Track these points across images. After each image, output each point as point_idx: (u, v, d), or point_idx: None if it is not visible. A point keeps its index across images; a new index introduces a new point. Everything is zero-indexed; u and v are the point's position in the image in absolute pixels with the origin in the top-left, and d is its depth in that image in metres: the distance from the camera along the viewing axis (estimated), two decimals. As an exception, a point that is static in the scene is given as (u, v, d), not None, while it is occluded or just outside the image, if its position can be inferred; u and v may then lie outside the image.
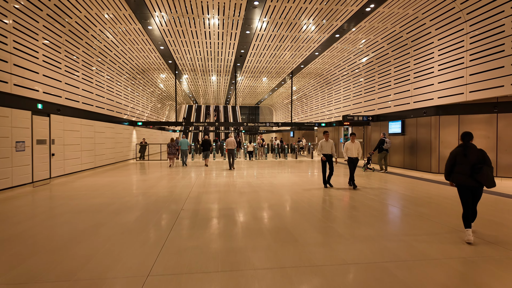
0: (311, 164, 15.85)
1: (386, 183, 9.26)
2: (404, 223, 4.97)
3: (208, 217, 5.33)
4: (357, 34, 12.76)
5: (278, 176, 10.91)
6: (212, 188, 8.29)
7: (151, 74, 20.11)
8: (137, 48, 14.66)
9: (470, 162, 4.18)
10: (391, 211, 5.77)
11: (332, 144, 8.37)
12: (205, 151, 15.25)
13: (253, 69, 19.32)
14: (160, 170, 13.02)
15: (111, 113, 15.06)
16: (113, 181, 9.69)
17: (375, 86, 14.72)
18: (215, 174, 11.55)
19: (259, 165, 14.91)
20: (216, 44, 14.21)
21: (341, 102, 18.57)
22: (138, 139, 19.80)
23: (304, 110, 26.21)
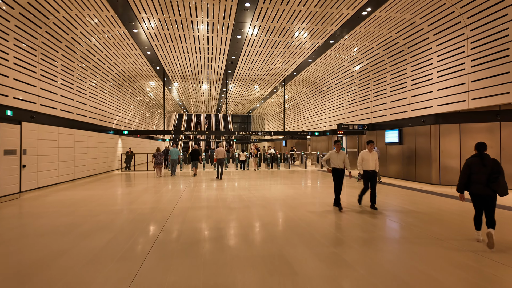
0: (305, 174, 15.21)
1: (386, 196, 8.64)
2: (421, 246, 4.32)
3: (191, 240, 4.58)
4: (351, 40, 12.34)
5: (271, 188, 10.21)
6: (199, 203, 7.53)
7: (138, 81, 19.36)
8: (123, 53, 13.95)
9: (488, 172, 4.28)
10: (401, 232, 5.12)
11: (344, 156, 6.91)
12: (194, 161, 15.04)
13: (245, 76, 18.77)
14: (146, 182, 12.18)
15: (94, 121, 14.21)
16: (91, 195, 8.84)
17: (370, 94, 14.28)
18: (204, 186, 10.79)
19: (251, 176, 14.20)
20: (206, 49, 13.61)
21: (334, 111, 18.12)
22: (124, 149, 18.90)
23: (296, 119, 25.72)
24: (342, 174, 6.87)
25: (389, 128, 12.80)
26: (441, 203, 7.53)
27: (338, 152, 6.95)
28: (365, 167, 6.81)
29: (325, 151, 19.27)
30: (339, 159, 6.88)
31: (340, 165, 6.86)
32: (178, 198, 8.25)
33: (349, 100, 16.32)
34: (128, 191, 9.74)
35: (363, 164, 6.85)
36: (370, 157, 6.82)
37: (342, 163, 6.88)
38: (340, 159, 6.89)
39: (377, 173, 6.83)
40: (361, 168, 6.88)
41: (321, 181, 12.38)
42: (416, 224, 5.52)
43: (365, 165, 6.81)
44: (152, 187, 10.54)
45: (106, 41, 12.34)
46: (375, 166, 6.78)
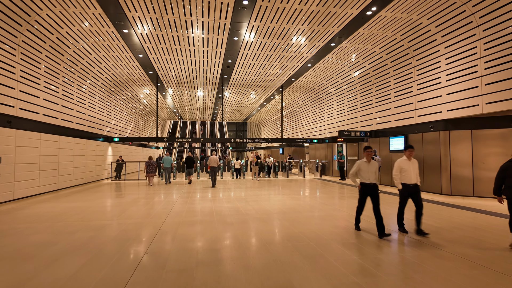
0: (305, 183, 14.47)
1: (396, 208, 7.91)
2: (460, 276, 3.58)
3: (180, 266, 3.80)
4: (353, 43, 11.79)
5: (270, 199, 9.44)
6: (192, 217, 6.74)
7: (131, 87, 18.61)
8: (113, 56, 13.24)
9: None
10: (432, 253, 4.39)
11: (377, 167, 5.41)
12: (189, 169, 14.90)
13: (241, 82, 18.14)
14: (136, 192, 11.33)
15: (81, 128, 13.38)
16: (73, 208, 7.99)
17: (372, 99, 13.70)
18: (198, 196, 9.98)
19: (248, 185, 13.42)
20: (201, 52, 12.96)
21: (334, 117, 17.51)
22: (114, 157, 18.03)
23: (293, 126, 25.11)
24: (375, 192, 5.23)
25: (393, 135, 12.18)
26: (457, 216, 6.83)
27: (369, 162, 5.35)
28: (405, 179, 5.32)
29: (324, 159, 18.61)
30: (371, 171, 5.26)
31: (371, 179, 5.25)
32: (168, 211, 7.44)
33: (350, 106, 15.73)
34: (115, 203, 8.90)
35: (402, 175, 5.33)
36: (410, 167, 5.33)
37: (374, 176, 5.26)
38: (372, 171, 5.27)
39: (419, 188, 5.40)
40: (398, 181, 5.37)
41: (322, 190, 11.65)
42: (442, 244, 4.80)
43: (405, 177, 5.31)
44: (142, 198, 9.71)
45: (95, 42, 11.64)
46: (416, 178, 5.36)
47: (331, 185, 13.56)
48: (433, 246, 4.66)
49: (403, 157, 5.52)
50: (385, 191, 11.32)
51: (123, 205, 8.43)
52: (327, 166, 18.45)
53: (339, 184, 14.07)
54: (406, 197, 5.40)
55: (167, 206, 8.17)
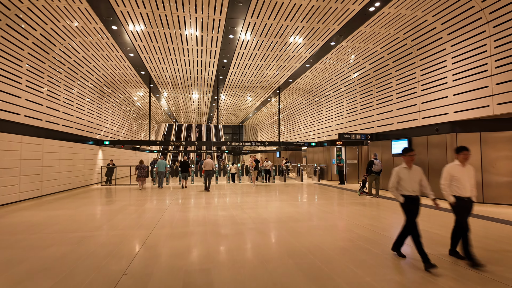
0: (303, 188, 13.90)
1: (400, 215, 7.35)
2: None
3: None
4: (354, 42, 11.31)
5: (268, 206, 8.85)
6: (182, 227, 6.12)
7: (123, 88, 17.97)
8: (102, 55, 12.62)
9: None
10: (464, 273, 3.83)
11: (421, 173, 4.36)
12: (184, 173, 14.68)
13: (237, 84, 17.59)
14: (126, 198, 10.68)
15: (68, 130, 12.72)
16: (54, 217, 7.33)
17: (373, 101, 13.22)
18: (191, 203, 9.35)
19: (244, 190, 12.81)
20: (195, 51, 12.40)
21: (333, 120, 17.01)
22: (105, 161, 17.33)
23: (291, 129, 24.58)
24: (418, 206, 4.28)
25: (396, 138, 11.68)
26: (474, 227, 6.29)
27: (410, 168, 4.31)
28: (459, 190, 4.22)
29: (323, 162, 18.08)
30: (413, 180, 4.25)
31: (415, 189, 4.22)
32: (157, 220, 6.82)
33: (349, 108, 15.23)
34: (101, 211, 8.25)
35: (455, 185, 4.24)
36: (464, 174, 4.23)
37: (418, 186, 4.27)
38: (415, 180, 4.26)
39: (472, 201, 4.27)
40: (449, 194, 4.27)
41: (322, 196, 11.08)
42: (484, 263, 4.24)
43: (459, 188, 4.22)
44: (131, 205, 9.06)
45: (82, 40, 11.03)
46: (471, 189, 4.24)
47: (330, 190, 13.00)
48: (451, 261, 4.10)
49: (455, 162, 4.38)
50: (389, 196, 10.78)
51: (109, 213, 7.78)
52: (325, 170, 17.91)
53: (338, 189, 13.51)
54: (465, 213, 4.23)
55: (156, 214, 7.54)
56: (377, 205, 9.08)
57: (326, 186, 15.10)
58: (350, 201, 9.81)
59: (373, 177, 10.74)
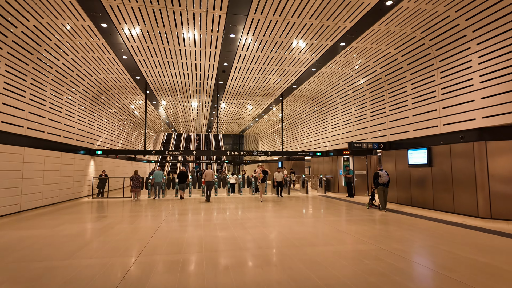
0: (309, 202, 12.79)
1: (428, 235, 6.28)
2: None
3: None
4: (366, 43, 10.42)
5: (273, 223, 7.75)
6: (174, 254, 5.03)
7: (117, 95, 17.05)
8: (93, 58, 11.72)
9: None
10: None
11: None
12: (181, 184, 14.17)
13: (238, 90, 16.67)
14: (116, 212, 9.59)
15: (55, 138, 11.71)
16: (25, 238, 6.24)
17: (385, 107, 12.25)
18: (189, 219, 8.25)
19: (245, 204, 11.71)
20: (193, 53, 11.49)
21: (339, 128, 16.02)
22: (98, 172, 16.27)
23: (294, 138, 23.58)
24: None
25: (412, 147, 10.66)
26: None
27: None
28: None
29: (329, 173, 17.01)
30: None
31: None
32: (145, 243, 5.73)
33: (358, 115, 14.26)
34: (82, 229, 7.15)
35: None
36: None
37: None
38: None
39: None
40: None
41: (332, 211, 9.98)
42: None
43: None
44: (119, 222, 7.96)
45: (70, 40, 10.12)
46: None
47: (339, 204, 11.91)
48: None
49: None
50: (405, 211, 9.69)
51: (92, 233, 6.69)
52: (332, 181, 16.84)
53: (347, 202, 12.42)
54: None
55: (145, 235, 6.45)
56: (398, 222, 7.98)
57: (334, 199, 14.00)
58: (366, 218, 8.71)
59: (381, 190, 10.04)
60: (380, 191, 10.06)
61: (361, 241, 5.99)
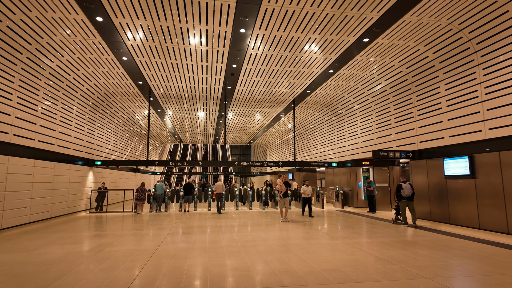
0: (329, 219, 11.39)
1: (491, 265, 4.88)
2: None
3: None
4: (393, 38, 9.23)
5: (296, 248, 6.41)
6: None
7: (120, 102, 16.10)
8: (91, 59, 10.77)
9: None
10: None
11: None
12: (187, 195, 13.74)
13: (247, 96, 15.57)
14: (112, 229, 8.39)
15: (48, 147, 10.68)
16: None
17: (413, 111, 10.95)
18: (191, 240, 6.96)
19: (255, 220, 10.37)
20: (199, 53, 10.46)
21: (358, 137, 14.71)
22: (97, 184, 15.18)
23: (305, 148, 22.27)
24: None
25: (449, 155, 9.29)
26: None
27: None
28: None
29: (346, 185, 15.61)
30: None
31: None
32: (134, 277, 4.47)
33: (380, 122, 12.96)
34: (65, 253, 5.93)
35: None
36: None
37: None
38: None
39: None
40: None
41: (360, 230, 8.60)
42: None
43: None
44: (110, 243, 6.74)
45: (64, 38, 9.17)
46: None
47: (362, 221, 10.51)
48: None
49: None
50: (444, 230, 8.26)
51: (73, 259, 5.46)
52: (350, 194, 15.42)
53: (370, 219, 11.01)
54: None
55: (137, 262, 5.20)
56: (444, 246, 6.57)
57: (354, 214, 12.57)
58: (403, 239, 7.32)
59: (405, 203, 9.51)
60: (403, 205, 9.52)
61: (411, 274, 4.63)
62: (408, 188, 9.32)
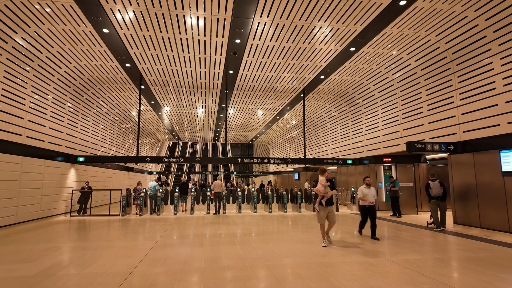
0: (347, 223, 9.52)
1: None
2: None
3: None
4: (435, 1, 7.38)
5: (324, 268, 4.55)
6: None
7: (109, 91, 14.27)
8: (65, 32, 8.92)
9: None
10: None
11: None
12: (183, 195, 13.08)
13: (251, 83, 13.71)
14: (87, 239, 6.52)
15: (13, 138, 8.84)
16: None
17: (453, 96, 9.09)
18: (183, 257, 5.08)
19: (262, 226, 8.52)
20: (195, 23, 8.60)
21: (379, 129, 12.84)
22: (81, 183, 13.32)
23: (314, 144, 20.39)
24: None
25: (506, 147, 7.43)
26: None
27: None
28: None
29: (362, 185, 13.71)
30: None
31: None
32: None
33: (408, 111, 11.10)
34: (2, 278, 4.09)
35: None
36: None
37: None
38: None
39: None
40: None
41: (396, 241, 6.74)
42: None
43: None
44: (77, 259, 4.89)
45: (38, 12, 7.34)
46: None
47: (390, 227, 8.69)
48: None
49: None
50: (501, 241, 6.41)
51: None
52: (368, 196, 13.52)
53: (396, 224, 9.21)
54: None
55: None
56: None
57: (377, 219, 10.70)
58: (466, 254, 5.46)
59: (435, 204, 8.46)
60: (434, 206, 8.51)
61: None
62: (437, 187, 8.34)
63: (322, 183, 6.34)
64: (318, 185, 6.40)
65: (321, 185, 6.35)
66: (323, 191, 6.32)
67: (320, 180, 6.44)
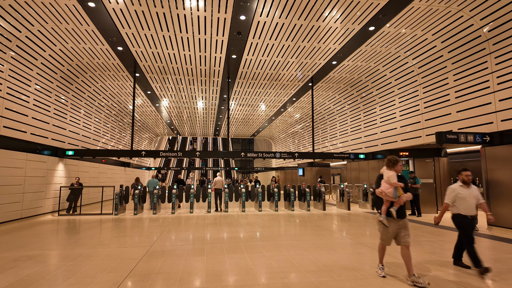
0: (366, 225, 8.46)
1: None
2: None
3: None
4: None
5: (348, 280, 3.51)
6: None
7: (101, 80, 13.15)
8: (48, 10, 7.79)
9: None
10: None
11: None
12: None
13: (257, 70, 12.58)
14: (68, 244, 5.45)
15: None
16: None
17: (489, 80, 7.99)
18: (183, 274, 4.01)
19: (272, 228, 7.46)
20: (194, 0, 7.48)
21: (396, 120, 11.74)
22: (70, 179, 12.26)
23: (320, 139, 19.29)
24: None
25: (559, 138, 6.34)
26: None
27: None
28: None
29: (375, 181, 12.64)
30: None
31: None
32: None
33: (431, 99, 9.99)
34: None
35: None
36: None
37: None
38: None
39: None
40: None
41: (430, 247, 5.69)
42: None
43: None
44: (47, 273, 3.83)
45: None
46: None
47: (414, 229, 7.61)
48: None
49: None
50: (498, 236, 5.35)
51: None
52: (382, 193, 12.46)
53: (419, 225, 8.14)
54: None
55: None
56: None
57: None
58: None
59: None
60: None
61: None
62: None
63: (391, 182, 4.02)
64: (383, 185, 4.11)
65: (389, 184, 4.04)
66: (393, 194, 4.00)
67: (387, 177, 4.08)
